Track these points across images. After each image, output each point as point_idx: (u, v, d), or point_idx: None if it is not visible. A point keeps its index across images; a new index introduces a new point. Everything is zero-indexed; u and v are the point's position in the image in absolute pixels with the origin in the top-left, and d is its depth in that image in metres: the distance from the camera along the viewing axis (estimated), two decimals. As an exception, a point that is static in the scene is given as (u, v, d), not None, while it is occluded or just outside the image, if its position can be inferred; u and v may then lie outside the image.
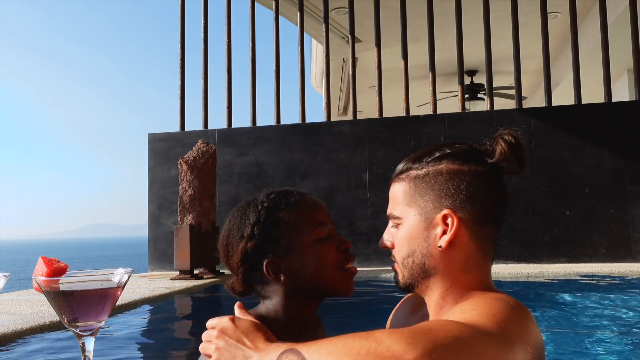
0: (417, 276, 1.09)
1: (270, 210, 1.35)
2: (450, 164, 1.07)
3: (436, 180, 1.07)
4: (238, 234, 1.36)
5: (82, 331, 0.93)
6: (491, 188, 1.06)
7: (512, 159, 1.06)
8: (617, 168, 5.70)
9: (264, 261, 1.32)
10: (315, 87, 11.65)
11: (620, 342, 2.58)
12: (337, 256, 1.32)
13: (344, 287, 1.33)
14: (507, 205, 1.10)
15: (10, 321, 2.84)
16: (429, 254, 1.06)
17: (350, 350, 0.74)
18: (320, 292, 1.34)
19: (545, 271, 5.05)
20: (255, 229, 1.33)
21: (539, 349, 0.90)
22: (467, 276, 1.05)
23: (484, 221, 1.05)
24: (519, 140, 1.07)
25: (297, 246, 1.32)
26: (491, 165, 1.07)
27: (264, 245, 1.32)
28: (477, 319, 0.83)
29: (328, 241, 1.32)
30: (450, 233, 1.03)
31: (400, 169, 1.14)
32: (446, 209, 1.04)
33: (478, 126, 6.05)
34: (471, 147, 1.10)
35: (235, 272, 1.36)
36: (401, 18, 6.45)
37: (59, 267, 0.93)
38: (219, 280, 5.26)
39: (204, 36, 7.00)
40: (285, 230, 1.33)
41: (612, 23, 6.80)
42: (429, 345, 0.72)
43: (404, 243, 1.10)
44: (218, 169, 5.97)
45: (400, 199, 1.11)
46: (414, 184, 1.09)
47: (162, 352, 2.82)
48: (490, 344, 0.78)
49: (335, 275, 1.32)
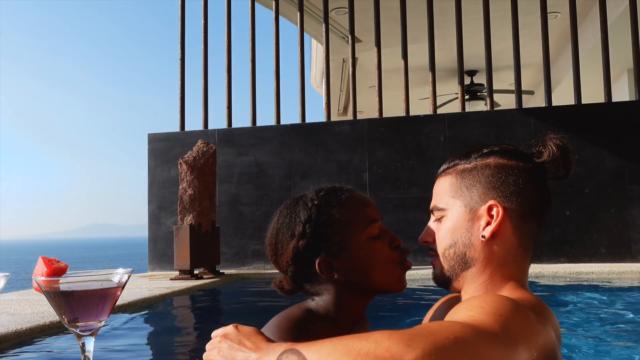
0: (457, 267, 1.10)
1: (322, 208, 1.32)
2: (499, 158, 1.09)
3: (483, 172, 1.08)
4: (288, 232, 1.33)
5: (82, 331, 0.93)
6: (537, 186, 1.08)
7: (559, 161, 1.09)
8: (617, 168, 5.70)
9: (317, 260, 1.29)
10: (315, 87, 11.65)
11: (621, 342, 2.58)
12: (390, 254, 1.30)
13: (397, 284, 1.31)
14: (550, 206, 1.11)
15: (10, 321, 2.84)
16: (471, 245, 1.07)
17: (350, 351, 0.74)
18: (373, 289, 1.32)
19: (545, 271, 5.05)
20: (307, 227, 1.30)
21: (548, 351, 0.89)
22: (505, 270, 1.07)
23: (528, 217, 1.07)
24: (567, 145, 1.10)
25: (350, 244, 1.29)
26: (538, 165, 1.09)
27: (316, 244, 1.30)
28: (483, 318, 0.82)
29: (380, 238, 1.30)
30: (495, 223, 1.04)
31: (447, 165, 1.15)
32: (492, 200, 1.05)
33: (478, 126, 6.05)
34: (518, 148, 1.12)
35: (285, 270, 1.33)
36: (401, 18, 6.45)
37: (59, 267, 0.93)
38: (219, 280, 5.26)
39: (204, 36, 6.99)
40: (338, 228, 1.30)
41: (612, 23, 6.80)
42: (429, 347, 0.71)
43: (446, 234, 1.11)
44: (218, 169, 5.97)
45: (445, 191, 1.12)
46: (461, 176, 1.11)
47: (162, 352, 2.83)
48: (494, 346, 0.77)
49: (389, 272, 1.30)
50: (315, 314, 1.31)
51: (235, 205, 6.49)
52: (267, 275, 5.64)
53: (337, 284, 1.31)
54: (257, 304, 4.24)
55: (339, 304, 1.31)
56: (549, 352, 0.90)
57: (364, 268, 1.29)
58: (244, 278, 5.67)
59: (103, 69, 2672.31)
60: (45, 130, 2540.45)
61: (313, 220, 1.30)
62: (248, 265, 6.33)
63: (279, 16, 6.92)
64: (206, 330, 2.99)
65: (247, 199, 6.49)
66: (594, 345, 2.52)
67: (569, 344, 2.50)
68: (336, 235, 1.29)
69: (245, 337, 0.90)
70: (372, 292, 1.32)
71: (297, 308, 1.33)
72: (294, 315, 1.28)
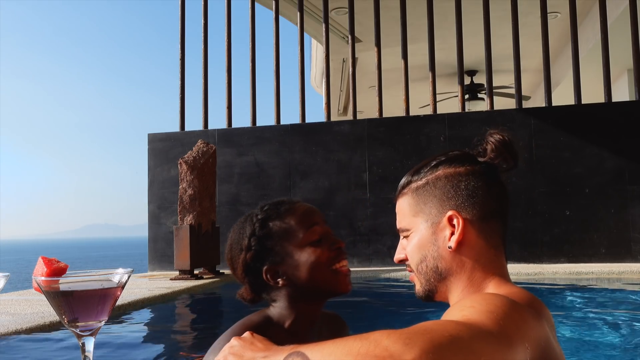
0: (434, 280, 1.12)
1: (264, 222, 1.46)
2: (447, 168, 1.12)
3: (436, 185, 1.11)
4: (238, 247, 1.48)
5: (82, 331, 0.93)
6: (490, 185, 1.10)
7: (503, 155, 1.10)
8: (617, 168, 5.70)
9: (263, 269, 1.43)
10: (315, 87, 11.66)
11: (621, 343, 2.58)
12: (328, 255, 1.41)
13: (338, 286, 1.43)
14: (508, 201, 1.14)
15: (10, 321, 2.84)
16: (440, 257, 1.09)
17: (350, 351, 0.76)
18: (317, 292, 1.44)
19: (545, 271, 5.05)
20: (251, 241, 1.45)
21: (540, 344, 0.90)
22: (482, 272, 1.07)
23: (489, 217, 1.08)
24: (507, 137, 1.11)
25: (291, 251, 1.42)
26: (486, 164, 1.11)
27: (261, 255, 1.44)
28: (476, 316, 0.84)
29: (321, 243, 1.42)
30: (458, 232, 1.06)
31: (401, 185, 1.18)
32: (450, 210, 1.07)
33: (478, 126, 6.04)
34: (464, 151, 1.14)
35: (242, 282, 1.49)
36: (401, 18, 6.45)
37: (59, 267, 0.93)
38: (219, 280, 5.26)
39: (204, 36, 7.00)
40: (278, 238, 1.44)
41: (612, 23, 6.80)
42: (427, 345, 0.73)
43: (415, 251, 1.13)
44: (218, 169, 5.97)
45: (406, 212, 1.15)
46: (416, 194, 1.13)
47: (162, 352, 2.83)
48: (489, 342, 0.79)
49: (329, 275, 1.42)
50: (272, 319, 1.45)
51: (235, 205, 6.49)
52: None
53: (288, 290, 1.44)
54: (256, 304, 4.23)
55: (291, 309, 1.44)
56: (543, 344, 0.91)
57: (306, 272, 1.41)
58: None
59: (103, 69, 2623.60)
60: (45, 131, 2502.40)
61: (256, 234, 1.45)
62: (248, 265, 6.33)
63: (279, 16, 6.92)
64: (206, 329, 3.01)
65: (247, 199, 6.49)
66: (594, 345, 2.52)
67: (569, 344, 2.50)
68: (277, 244, 1.43)
69: (258, 340, 0.95)
70: (317, 294, 1.45)
71: (257, 314, 1.48)
72: (252, 321, 1.42)
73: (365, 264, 6.01)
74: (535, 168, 5.85)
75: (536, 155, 5.86)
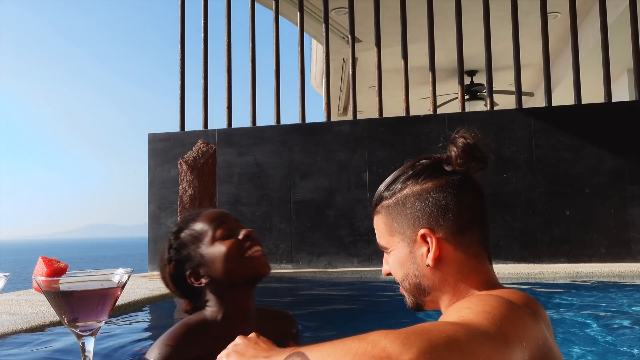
0: (419, 295, 1.12)
1: (176, 234, 1.63)
2: (414, 185, 1.10)
3: (405, 205, 1.09)
4: (162, 263, 1.65)
5: (82, 331, 0.93)
6: (460, 195, 1.07)
7: (470, 159, 1.08)
8: (617, 168, 5.70)
9: (187, 274, 1.58)
10: (315, 87, 11.65)
11: (621, 343, 2.58)
12: (238, 246, 1.55)
13: (254, 270, 1.56)
14: (483, 204, 1.11)
15: (10, 321, 2.84)
16: (422, 274, 1.08)
17: (349, 351, 0.76)
18: (238, 280, 1.57)
19: (545, 271, 5.05)
20: (170, 253, 1.61)
21: (538, 344, 0.90)
22: (468, 282, 1.06)
23: (464, 229, 1.06)
24: (471, 140, 1.09)
25: (204, 251, 1.56)
26: (454, 173, 1.08)
27: (181, 263, 1.59)
28: (473, 317, 0.84)
29: (230, 236, 1.56)
30: (433, 250, 1.05)
31: (375, 200, 1.18)
32: (422, 229, 1.06)
33: (478, 126, 6.01)
34: (432, 161, 1.12)
35: (177, 294, 1.65)
36: (401, 18, 6.45)
37: (59, 267, 0.93)
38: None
39: (204, 36, 6.99)
40: (191, 244, 1.58)
41: (612, 23, 6.80)
42: (424, 346, 0.73)
43: (397, 268, 1.13)
44: (218, 169, 5.96)
45: (382, 231, 1.15)
46: (388, 213, 1.12)
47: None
48: (486, 342, 0.80)
49: (242, 262, 1.55)
50: (206, 318, 1.59)
51: (235, 205, 6.49)
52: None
53: (212, 287, 1.58)
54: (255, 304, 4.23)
55: (221, 304, 1.58)
56: (541, 343, 0.91)
57: (221, 265, 1.54)
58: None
59: (103, 69, 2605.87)
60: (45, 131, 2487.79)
61: (173, 247, 1.61)
62: (248, 265, 6.33)
63: (279, 16, 6.92)
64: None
65: (247, 199, 6.50)
66: (594, 345, 2.52)
67: (568, 343, 2.50)
68: (191, 249, 1.58)
69: (262, 341, 0.96)
70: (240, 283, 1.57)
71: (194, 315, 1.62)
72: (190, 320, 1.55)
73: (365, 264, 6.01)
74: (535, 168, 5.85)
75: (536, 155, 5.86)
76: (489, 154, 1.10)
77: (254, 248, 1.56)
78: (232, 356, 0.93)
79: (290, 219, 6.28)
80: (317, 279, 5.43)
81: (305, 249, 6.18)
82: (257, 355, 0.90)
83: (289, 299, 4.41)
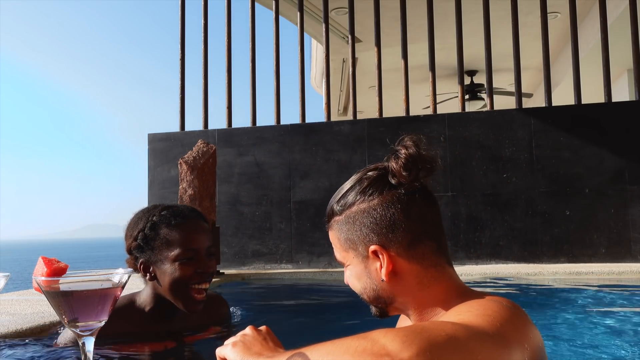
0: (382, 305, 1.11)
1: (155, 225, 1.70)
2: (361, 203, 1.08)
3: (354, 222, 1.08)
4: (129, 233, 1.75)
5: (82, 331, 0.93)
6: (408, 209, 1.05)
7: (416, 168, 1.06)
8: (617, 168, 5.70)
9: (140, 261, 1.71)
10: (315, 87, 11.65)
11: (621, 343, 2.58)
12: (190, 276, 1.66)
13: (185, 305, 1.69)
14: (434, 212, 1.08)
15: (10, 321, 2.84)
16: (379, 288, 1.07)
17: (348, 349, 0.77)
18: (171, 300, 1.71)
19: (545, 271, 5.05)
20: (139, 235, 1.70)
21: (539, 345, 0.91)
22: (430, 291, 1.04)
23: (416, 242, 1.04)
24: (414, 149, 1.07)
25: (164, 259, 1.66)
26: (399, 185, 1.07)
27: (141, 249, 1.71)
28: (473, 319, 0.84)
29: (191, 262, 1.66)
30: (384, 267, 1.03)
31: (327, 214, 1.16)
32: (373, 245, 1.05)
33: (478, 126, 6.05)
34: (379, 173, 1.10)
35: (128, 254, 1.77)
36: (401, 18, 6.45)
37: (59, 267, 0.93)
38: (219, 280, 5.26)
39: (204, 36, 7.00)
40: (160, 244, 1.67)
41: (612, 23, 6.80)
42: (424, 344, 0.73)
43: (354, 282, 1.13)
44: (218, 169, 5.97)
45: (337, 246, 1.14)
46: (340, 230, 1.11)
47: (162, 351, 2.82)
48: (485, 342, 0.80)
49: (183, 292, 1.67)
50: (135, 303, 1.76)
51: (235, 205, 6.50)
52: (267, 275, 5.64)
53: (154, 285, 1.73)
54: (254, 303, 4.24)
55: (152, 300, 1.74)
56: (539, 348, 0.91)
57: (167, 282, 1.67)
58: (244, 278, 5.67)
59: (103, 69, 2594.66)
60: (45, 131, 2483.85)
61: (145, 232, 1.70)
62: (248, 265, 6.33)
63: (279, 16, 6.92)
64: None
65: (247, 199, 6.50)
66: (593, 345, 2.52)
67: (568, 343, 2.50)
68: (157, 248, 1.68)
69: (271, 339, 0.96)
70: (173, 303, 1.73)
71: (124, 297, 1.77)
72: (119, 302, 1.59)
73: (365, 264, 6.00)
74: (535, 168, 5.85)
75: (536, 155, 5.86)
76: (436, 160, 1.07)
77: (202, 285, 1.67)
78: (239, 346, 0.92)
79: (290, 219, 6.28)
80: (317, 279, 5.44)
81: (305, 249, 6.18)
82: (262, 353, 0.90)
83: (289, 299, 4.41)
